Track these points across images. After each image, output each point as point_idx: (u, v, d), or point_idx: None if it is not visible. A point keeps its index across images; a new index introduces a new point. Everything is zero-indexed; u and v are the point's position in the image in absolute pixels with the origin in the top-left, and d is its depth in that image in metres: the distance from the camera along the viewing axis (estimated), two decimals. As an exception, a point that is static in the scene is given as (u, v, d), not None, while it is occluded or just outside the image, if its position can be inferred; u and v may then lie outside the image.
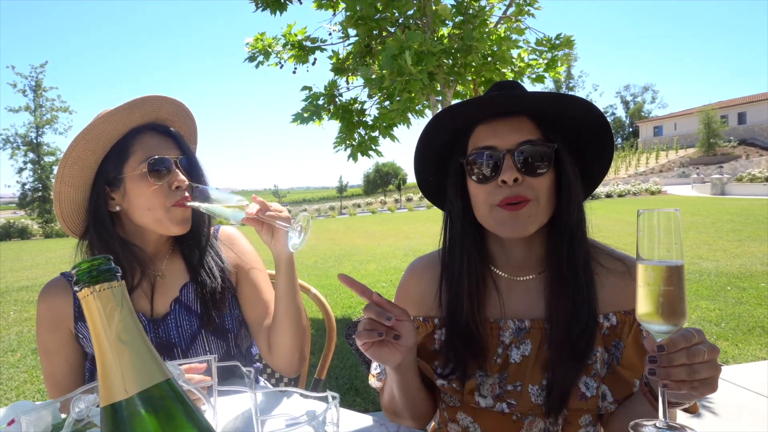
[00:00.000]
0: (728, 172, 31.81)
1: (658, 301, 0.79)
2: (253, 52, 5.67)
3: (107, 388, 0.53)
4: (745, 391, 3.45)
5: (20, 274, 11.70)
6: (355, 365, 4.29)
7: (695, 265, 7.81)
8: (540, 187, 1.06)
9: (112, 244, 1.36)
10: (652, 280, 0.79)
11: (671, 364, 0.78)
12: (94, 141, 1.31)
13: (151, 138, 1.37)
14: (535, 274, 1.18)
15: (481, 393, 1.13)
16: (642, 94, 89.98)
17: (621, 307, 1.12)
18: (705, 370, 0.79)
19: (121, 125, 1.33)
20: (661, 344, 0.79)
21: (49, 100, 36.26)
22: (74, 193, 1.36)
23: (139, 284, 1.40)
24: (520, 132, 1.07)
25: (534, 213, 1.07)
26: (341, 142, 5.61)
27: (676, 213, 0.79)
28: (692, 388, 0.80)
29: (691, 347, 0.79)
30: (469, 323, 1.14)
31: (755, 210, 15.97)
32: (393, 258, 10.60)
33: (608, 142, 1.15)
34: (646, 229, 0.80)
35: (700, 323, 4.97)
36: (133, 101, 1.32)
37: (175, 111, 1.44)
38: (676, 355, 0.78)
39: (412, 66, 4.08)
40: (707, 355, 0.79)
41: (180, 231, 1.38)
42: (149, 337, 1.34)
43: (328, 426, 0.92)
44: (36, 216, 33.78)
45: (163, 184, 1.33)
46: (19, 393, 4.24)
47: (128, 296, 0.56)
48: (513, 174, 1.04)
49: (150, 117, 1.39)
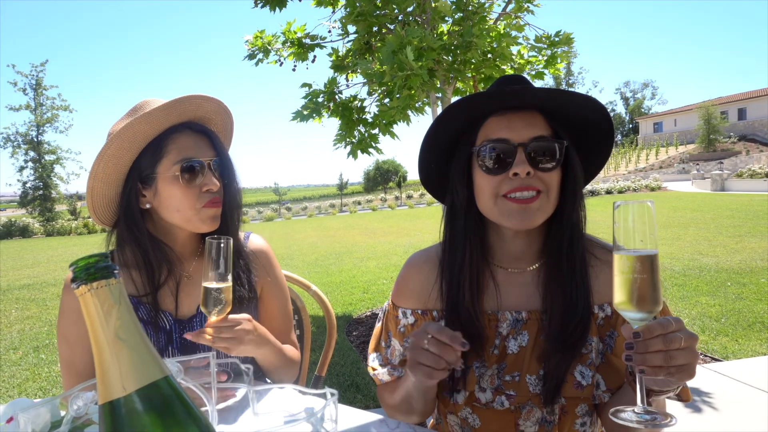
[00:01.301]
0: (728, 168, 31.76)
1: (633, 289, 0.81)
2: (253, 49, 5.65)
3: (105, 385, 0.53)
4: (745, 386, 3.45)
5: (21, 272, 11.71)
6: (355, 362, 4.30)
7: (695, 261, 7.81)
8: (550, 182, 1.09)
9: (141, 240, 1.37)
10: (626, 269, 0.82)
11: (647, 350, 0.81)
12: (129, 140, 1.31)
13: (186, 138, 1.37)
14: (532, 267, 1.20)
15: (480, 386, 1.15)
16: (642, 91, 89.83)
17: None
18: (682, 357, 0.81)
19: (158, 125, 1.33)
20: (637, 331, 0.82)
21: (50, 99, 36.29)
22: (107, 189, 1.37)
23: (165, 282, 1.40)
24: (533, 126, 1.09)
25: (543, 206, 1.09)
26: (341, 140, 5.59)
27: (650, 204, 0.81)
28: (669, 374, 0.82)
29: (668, 334, 0.81)
30: (470, 313, 1.16)
31: (755, 206, 15.95)
32: (393, 255, 10.60)
33: (609, 143, 1.18)
34: (621, 220, 0.83)
35: (700, 319, 4.97)
36: (173, 102, 1.32)
37: (214, 109, 1.44)
38: (652, 342, 0.81)
39: (413, 61, 4.06)
40: (684, 342, 0.81)
41: (209, 228, 1.39)
42: (175, 337, 1.39)
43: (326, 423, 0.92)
44: (37, 214, 33.79)
45: (194, 186, 1.34)
46: (21, 390, 4.25)
47: (126, 294, 0.56)
48: (526, 167, 1.06)
49: (188, 116, 1.39)
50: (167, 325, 1.39)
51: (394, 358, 1.27)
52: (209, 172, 1.36)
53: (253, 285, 1.50)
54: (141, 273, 1.38)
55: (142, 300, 1.37)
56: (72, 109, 36.99)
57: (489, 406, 1.14)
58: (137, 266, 1.39)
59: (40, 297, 8.32)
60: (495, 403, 1.14)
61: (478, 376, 1.16)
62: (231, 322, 1.19)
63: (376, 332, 1.34)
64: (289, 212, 35.90)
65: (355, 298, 6.66)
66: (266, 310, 1.55)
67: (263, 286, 1.54)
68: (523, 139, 1.08)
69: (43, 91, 35.74)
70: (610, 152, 1.20)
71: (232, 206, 1.44)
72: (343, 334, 5.04)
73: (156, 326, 1.37)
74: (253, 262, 1.53)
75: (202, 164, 1.35)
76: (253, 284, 1.49)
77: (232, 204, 1.44)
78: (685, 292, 6.02)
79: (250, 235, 1.60)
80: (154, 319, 1.37)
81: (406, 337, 1.25)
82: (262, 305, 1.55)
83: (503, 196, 1.09)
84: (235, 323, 1.19)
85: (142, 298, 1.37)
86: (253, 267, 1.52)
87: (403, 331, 1.26)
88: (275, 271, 1.58)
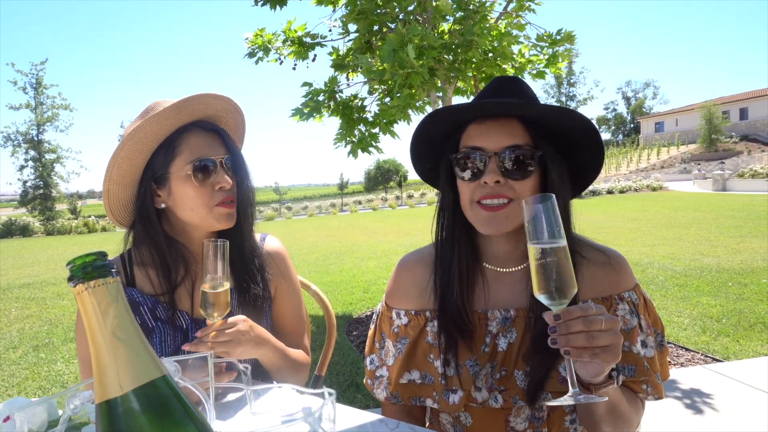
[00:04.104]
0: (730, 168, 31.73)
1: (545, 277, 0.87)
2: (253, 48, 5.65)
3: (102, 384, 0.52)
4: (746, 387, 3.45)
5: (22, 271, 11.72)
6: (355, 362, 4.29)
7: (696, 261, 7.80)
8: (521, 190, 1.11)
9: (157, 240, 1.39)
10: (538, 259, 0.87)
11: (569, 331, 0.84)
12: (141, 142, 1.32)
13: (197, 137, 1.37)
14: (520, 266, 1.22)
15: (476, 385, 1.17)
16: (643, 90, 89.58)
17: (599, 293, 1.17)
18: (604, 338, 0.85)
19: (168, 126, 1.34)
20: (557, 314, 0.86)
21: (50, 98, 36.36)
22: (122, 190, 1.39)
23: (182, 282, 1.42)
24: (508, 135, 1.11)
25: (512, 214, 1.12)
26: (341, 139, 5.59)
27: (552, 198, 0.88)
28: (594, 355, 0.85)
29: (588, 316, 0.85)
30: (460, 310, 1.18)
31: (756, 206, 15.94)
32: (394, 254, 10.60)
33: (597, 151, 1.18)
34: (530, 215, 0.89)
35: (701, 319, 4.97)
36: (182, 102, 1.33)
37: (224, 107, 1.44)
38: (572, 322, 0.85)
39: (414, 59, 4.05)
40: (605, 324, 0.85)
41: (224, 226, 1.40)
42: (191, 336, 1.38)
43: (324, 422, 0.92)
44: (37, 213, 33.82)
45: (207, 185, 1.35)
46: (21, 390, 4.25)
47: (123, 293, 0.56)
48: (494, 177, 1.09)
49: (198, 115, 1.40)
50: (184, 324, 1.40)
51: (388, 358, 1.28)
52: (222, 170, 1.37)
53: (267, 284, 1.51)
54: (158, 272, 1.40)
55: (159, 299, 1.39)
56: (72, 108, 37.09)
57: (485, 404, 1.16)
58: (154, 266, 1.40)
59: (39, 296, 8.32)
60: (490, 400, 1.15)
61: (473, 374, 1.17)
62: (227, 325, 1.19)
63: (371, 334, 1.37)
64: (289, 211, 35.92)
65: (355, 298, 6.67)
66: (279, 311, 1.56)
67: (277, 287, 1.55)
68: (497, 147, 1.10)
69: (43, 89, 35.80)
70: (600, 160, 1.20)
71: (245, 204, 1.45)
72: (343, 334, 5.04)
73: (174, 325, 1.38)
74: (268, 263, 1.54)
75: (215, 163, 1.36)
76: (267, 283, 1.50)
77: (245, 202, 1.45)
78: (686, 293, 6.01)
79: (267, 237, 1.61)
80: (171, 318, 1.38)
81: (400, 338, 1.26)
82: (275, 306, 1.56)
83: (477, 202, 1.13)
84: (230, 325, 1.20)
85: (160, 297, 1.39)
86: (268, 267, 1.53)
87: (396, 331, 1.27)
88: (290, 274, 1.59)
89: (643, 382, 1.13)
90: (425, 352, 1.23)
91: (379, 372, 1.30)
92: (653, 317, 1.20)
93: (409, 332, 1.25)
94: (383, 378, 1.28)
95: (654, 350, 1.15)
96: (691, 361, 4.03)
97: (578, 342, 0.84)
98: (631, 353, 1.12)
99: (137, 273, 1.43)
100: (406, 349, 1.24)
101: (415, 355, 1.24)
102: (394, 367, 1.26)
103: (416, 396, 1.23)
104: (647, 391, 1.13)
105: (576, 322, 0.84)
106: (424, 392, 1.23)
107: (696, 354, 4.16)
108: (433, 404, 1.21)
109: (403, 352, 1.24)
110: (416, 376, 1.24)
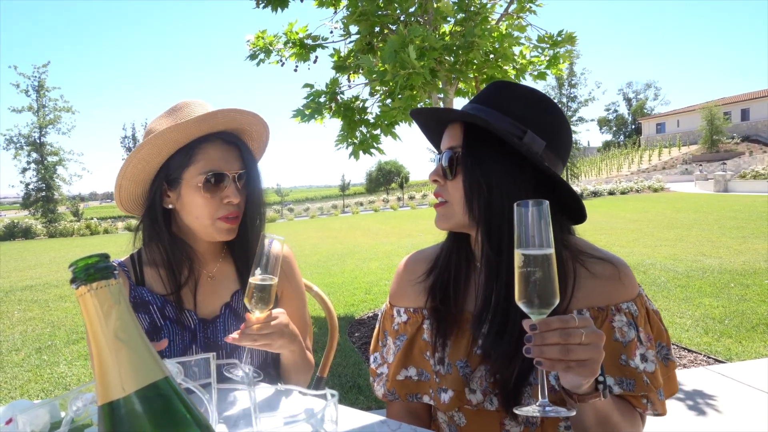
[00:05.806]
0: (731, 169, 31.68)
1: (528, 286, 0.84)
2: (255, 49, 5.65)
3: (105, 386, 0.52)
4: (748, 388, 3.44)
5: (24, 273, 11.74)
6: (357, 363, 4.29)
7: (698, 262, 7.79)
8: (452, 191, 1.16)
9: (162, 237, 1.41)
10: (521, 266, 0.85)
11: (543, 342, 0.83)
12: (160, 146, 1.34)
13: (215, 149, 1.39)
14: None
15: (470, 387, 1.16)
16: (644, 91, 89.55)
17: (595, 303, 1.13)
18: (582, 352, 0.82)
19: (190, 135, 1.36)
20: (534, 323, 0.84)
21: (52, 100, 36.45)
22: (134, 187, 1.42)
23: (187, 282, 1.43)
24: (449, 138, 1.18)
25: (447, 213, 1.17)
26: (343, 140, 5.59)
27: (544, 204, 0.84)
28: (567, 368, 0.83)
29: (568, 329, 0.83)
30: (452, 312, 1.20)
31: (758, 207, 15.91)
32: (395, 256, 10.59)
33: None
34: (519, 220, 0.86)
35: (703, 320, 4.96)
36: (206, 115, 1.34)
37: (248, 120, 1.45)
38: (548, 334, 0.83)
39: (415, 60, 4.05)
40: (586, 338, 0.83)
41: (223, 239, 1.43)
42: (199, 336, 1.40)
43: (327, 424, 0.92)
44: (39, 216, 33.89)
45: (216, 198, 1.37)
46: (23, 392, 4.25)
47: (126, 294, 0.56)
48: (433, 176, 1.19)
49: (220, 127, 1.41)
50: (191, 323, 1.42)
51: (389, 356, 1.29)
52: (232, 185, 1.39)
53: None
54: (166, 271, 1.43)
55: (168, 298, 1.41)
56: (74, 111, 37.16)
57: (479, 407, 1.15)
58: (163, 265, 1.43)
59: (42, 298, 8.33)
60: (485, 403, 1.15)
61: (463, 376, 1.16)
62: (271, 317, 1.20)
63: (375, 333, 1.38)
64: (291, 213, 35.93)
65: (357, 299, 6.66)
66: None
67: (283, 290, 1.56)
68: (443, 149, 1.19)
69: (45, 92, 35.90)
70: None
71: (252, 217, 1.46)
72: (345, 335, 5.03)
73: (181, 325, 1.40)
74: None
75: (227, 177, 1.38)
76: None
77: (252, 215, 1.46)
78: (688, 294, 6.00)
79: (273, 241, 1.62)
80: (179, 318, 1.40)
81: (399, 335, 1.28)
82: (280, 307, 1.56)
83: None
84: (274, 318, 1.21)
85: (169, 296, 1.41)
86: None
87: (396, 329, 1.29)
88: (295, 278, 1.60)
89: (642, 396, 1.08)
90: (422, 350, 1.24)
91: (380, 369, 1.31)
92: (657, 329, 1.15)
93: (408, 329, 1.27)
94: (383, 375, 1.30)
95: (655, 364, 1.10)
96: (694, 362, 4.02)
97: (552, 354, 0.82)
98: (629, 367, 1.07)
99: (147, 272, 1.45)
100: (404, 346, 1.26)
101: (412, 351, 1.25)
102: (393, 363, 1.27)
103: (413, 393, 1.24)
104: (647, 406, 1.09)
105: (553, 333, 0.83)
106: (421, 389, 1.24)
107: (698, 355, 4.15)
108: (429, 401, 1.22)
109: (401, 349, 1.26)
110: (413, 373, 1.24)
